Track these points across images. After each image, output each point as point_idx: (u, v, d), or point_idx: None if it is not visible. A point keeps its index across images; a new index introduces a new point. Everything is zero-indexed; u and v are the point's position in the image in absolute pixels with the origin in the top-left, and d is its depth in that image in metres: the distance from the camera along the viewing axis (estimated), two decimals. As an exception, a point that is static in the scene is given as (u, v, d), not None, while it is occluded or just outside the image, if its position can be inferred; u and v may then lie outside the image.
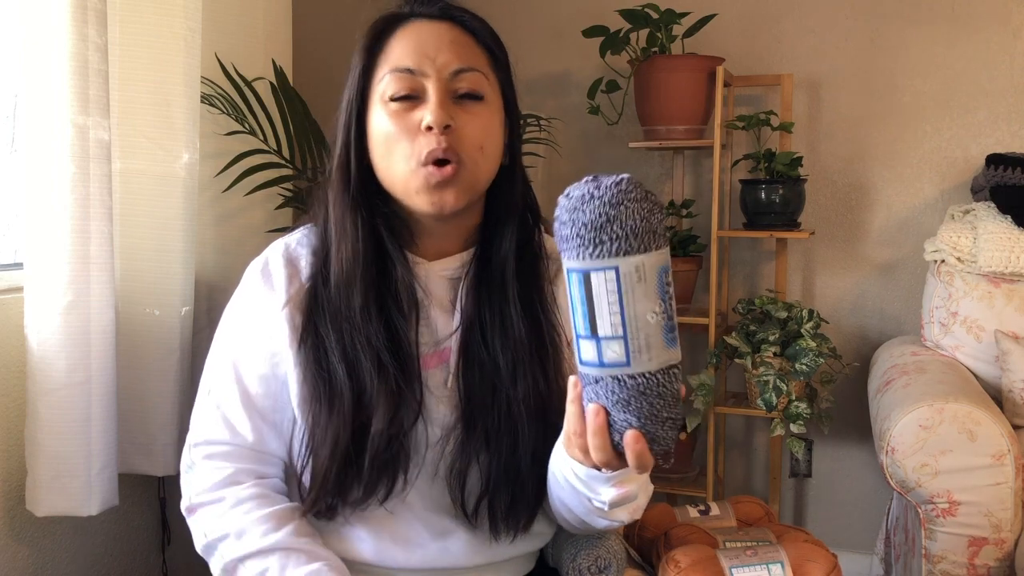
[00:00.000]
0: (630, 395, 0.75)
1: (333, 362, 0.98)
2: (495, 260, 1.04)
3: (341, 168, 1.02)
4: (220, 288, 1.93)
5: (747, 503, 1.35)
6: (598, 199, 0.74)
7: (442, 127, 0.95)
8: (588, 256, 0.73)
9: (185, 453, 1.06)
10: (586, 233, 0.73)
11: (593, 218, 0.73)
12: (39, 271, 1.49)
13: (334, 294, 1.00)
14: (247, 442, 1.02)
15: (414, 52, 0.98)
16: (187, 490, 1.04)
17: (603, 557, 1.08)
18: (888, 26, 2.34)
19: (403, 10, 1.02)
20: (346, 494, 0.98)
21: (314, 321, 1.00)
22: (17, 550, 1.60)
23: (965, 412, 1.62)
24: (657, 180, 2.55)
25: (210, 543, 1.00)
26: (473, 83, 0.99)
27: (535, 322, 1.03)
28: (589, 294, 0.74)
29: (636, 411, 0.75)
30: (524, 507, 1.02)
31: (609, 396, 0.76)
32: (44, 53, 1.45)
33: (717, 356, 2.22)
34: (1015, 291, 2.02)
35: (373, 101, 1.00)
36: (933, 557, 1.64)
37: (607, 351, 0.74)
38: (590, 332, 0.75)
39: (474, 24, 1.02)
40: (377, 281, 1.00)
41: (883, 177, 2.38)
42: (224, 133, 1.95)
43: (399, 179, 0.98)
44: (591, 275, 0.73)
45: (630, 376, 0.75)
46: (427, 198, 0.97)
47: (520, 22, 2.61)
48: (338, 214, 1.01)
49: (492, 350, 1.01)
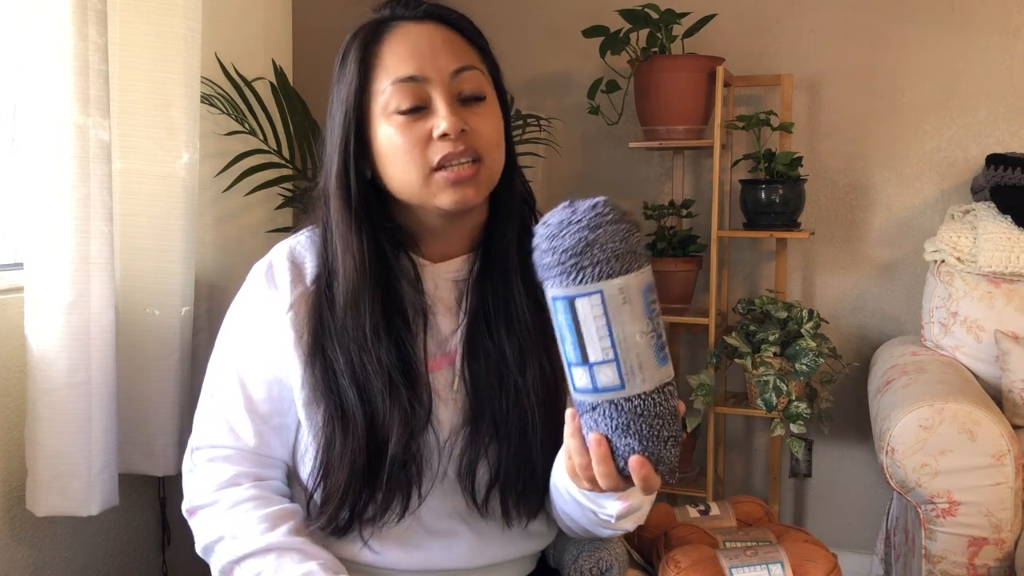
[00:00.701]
0: (629, 419, 0.75)
1: (344, 385, 0.98)
2: (497, 254, 1.04)
3: (341, 186, 0.99)
4: (220, 288, 1.93)
5: (747, 503, 1.36)
6: (576, 224, 0.73)
7: (458, 132, 0.94)
8: (572, 283, 0.73)
9: (187, 456, 1.06)
10: (567, 260, 0.73)
11: (573, 244, 0.73)
12: (39, 271, 1.49)
13: (340, 314, 0.99)
14: (249, 446, 1.02)
15: (411, 57, 0.96)
16: (188, 492, 1.04)
17: (605, 559, 1.08)
18: (888, 26, 2.34)
19: (385, 13, 1.00)
20: (362, 513, 0.98)
21: (321, 340, 0.99)
22: (17, 550, 1.60)
23: (965, 412, 1.62)
24: (657, 180, 2.55)
25: (208, 544, 1.00)
26: (474, 83, 0.98)
27: (540, 308, 1.02)
28: (576, 321, 0.74)
29: (637, 434, 0.75)
30: (535, 492, 1.02)
31: (608, 423, 0.76)
32: (44, 53, 1.45)
33: (717, 356, 2.22)
34: (1015, 291, 2.02)
35: (375, 115, 0.98)
36: (933, 557, 1.64)
37: (600, 376, 0.74)
38: (581, 359, 0.75)
39: (460, 22, 1.01)
40: (384, 298, 0.99)
41: (883, 177, 2.38)
42: (224, 133, 1.95)
43: (416, 187, 0.97)
44: (576, 301, 0.73)
45: (626, 399, 0.75)
46: (450, 196, 0.96)
47: (520, 22, 2.61)
48: (343, 231, 0.99)
49: (497, 339, 1.01)
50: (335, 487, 0.97)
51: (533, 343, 1.01)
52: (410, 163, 0.96)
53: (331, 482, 0.98)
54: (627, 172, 2.57)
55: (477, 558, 1.04)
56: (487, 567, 1.05)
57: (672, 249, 2.33)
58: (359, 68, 0.98)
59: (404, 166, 0.96)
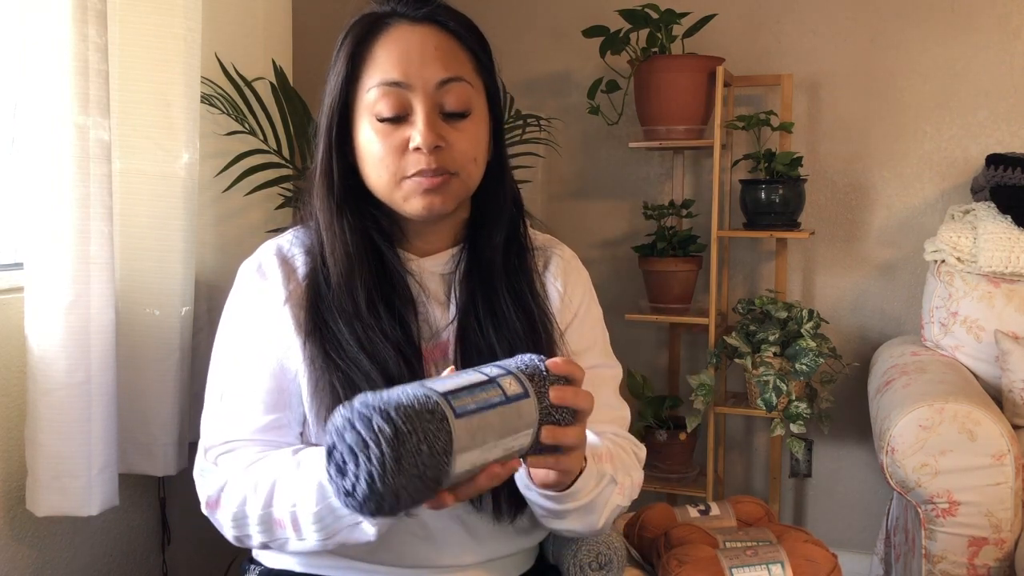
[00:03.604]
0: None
1: (352, 353, 0.97)
2: (483, 255, 1.05)
3: (325, 173, 1.02)
4: (220, 288, 1.93)
5: (747, 503, 1.36)
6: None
7: (431, 149, 0.96)
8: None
9: (199, 458, 1.04)
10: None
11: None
12: (39, 271, 1.49)
13: (336, 298, 1.00)
14: (262, 437, 1.02)
15: (400, 61, 0.97)
16: (203, 489, 1.03)
17: (604, 553, 1.08)
18: (888, 26, 2.34)
19: (385, 8, 1.01)
20: None
21: (323, 318, 1.00)
22: (17, 550, 1.60)
23: (965, 412, 1.62)
24: (657, 180, 2.55)
25: (237, 511, 0.98)
26: (460, 98, 0.99)
27: (527, 311, 1.04)
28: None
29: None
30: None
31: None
32: (44, 53, 1.45)
33: (717, 356, 2.22)
34: (1015, 291, 2.02)
35: (360, 111, 1.00)
36: (933, 557, 1.64)
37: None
38: None
39: (459, 28, 1.01)
40: (377, 279, 1.01)
41: (883, 177, 2.38)
42: (224, 133, 1.95)
43: (386, 190, 1.00)
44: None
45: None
46: (418, 203, 0.99)
47: (520, 22, 2.61)
48: (326, 219, 1.02)
49: (487, 337, 1.02)
50: None
51: (523, 344, 1.02)
52: (384, 169, 0.99)
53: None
54: (627, 172, 2.57)
55: (472, 555, 1.04)
56: (483, 563, 1.06)
57: (672, 249, 2.33)
58: (348, 62, 1.00)
59: (379, 170, 0.99)
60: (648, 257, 2.34)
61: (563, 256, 1.14)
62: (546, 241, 1.15)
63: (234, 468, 1.00)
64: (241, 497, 0.97)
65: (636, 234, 2.55)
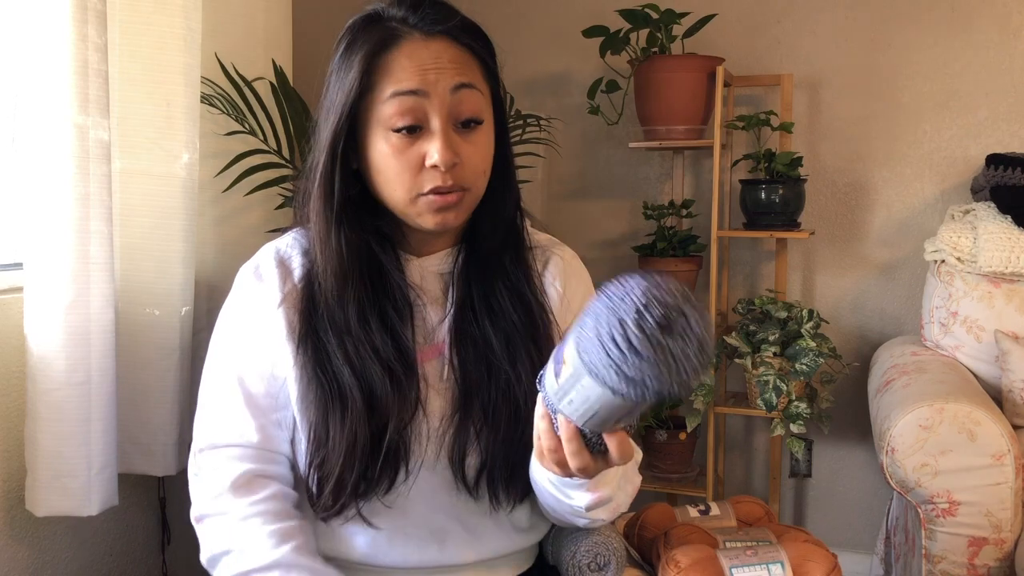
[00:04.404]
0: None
1: (337, 365, 0.98)
2: (483, 254, 1.06)
3: (325, 181, 1.00)
4: (220, 288, 1.93)
5: (747, 503, 1.35)
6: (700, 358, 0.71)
7: (449, 167, 0.96)
8: (621, 384, 0.70)
9: (192, 460, 1.05)
10: (649, 376, 0.69)
11: (681, 381, 0.70)
12: (39, 271, 1.49)
13: (330, 307, 1.00)
14: (253, 442, 1.02)
15: (417, 72, 0.96)
16: (196, 498, 1.03)
17: (603, 554, 1.08)
18: (888, 26, 2.34)
19: (396, 13, 0.99)
20: (355, 490, 0.99)
21: (314, 327, 1.00)
22: (17, 550, 1.60)
23: (965, 412, 1.62)
24: (657, 180, 2.55)
25: (215, 556, 1.00)
26: (473, 105, 0.98)
27: (524, 304, 1.05)
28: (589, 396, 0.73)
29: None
30: (522, 478, 1.03)
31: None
32: (44, 53, 1.45)
33: (717, 356, 2.22)
34: (1015, 291, 2.02)
35: (373, 123, 0.98)
36: (933, 557, 1.64)
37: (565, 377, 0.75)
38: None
39: (472, 41, 1.00)
40: (371, 291, 1.01)
41: (883, 177, 2.38)
42: (224, 133, 1.95)
43: (400, 205, 0.99)
44: (606, 386, 0.71)
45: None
46: (431, 220, 0.99)
47: (520, 22, 2.61)
48: (322, 229, 1.01)
49: (483, 328, 1.03)
50: (333, 467, 0.97)
51: (522, 338, 1.02)
52: (399, 186, 0.98)
53: (330, 464, 0.97)
54: (627, 172, 2.57)
55: (470, 554, 1.05)
56: (481, 562, 1.06)
57: (672, 249, 2.33)
58: (361, 77, 0.97)
59: (393, 186, 0.99)
60: (648, 257, 2.34)
61: (563, 257, 1.14)
62: (546, 241, 1.15)
63: (231, 507, 1.00)
64: (222, 550, 0.99)
65: (636, 234, 2.55)
